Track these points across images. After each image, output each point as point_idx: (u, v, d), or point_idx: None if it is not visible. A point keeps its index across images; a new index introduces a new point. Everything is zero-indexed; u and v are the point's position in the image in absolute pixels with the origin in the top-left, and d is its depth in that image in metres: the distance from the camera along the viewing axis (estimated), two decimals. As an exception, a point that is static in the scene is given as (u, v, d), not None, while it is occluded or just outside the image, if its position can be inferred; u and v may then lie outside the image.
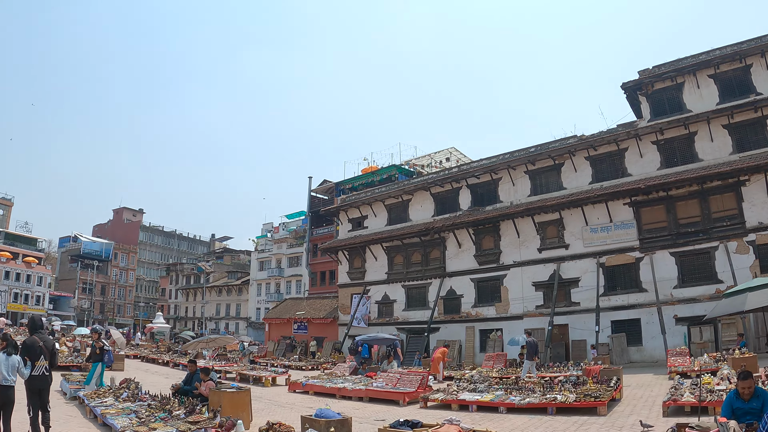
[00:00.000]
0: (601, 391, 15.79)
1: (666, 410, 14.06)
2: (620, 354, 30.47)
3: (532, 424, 13.97)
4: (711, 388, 14.59)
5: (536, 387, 17.62)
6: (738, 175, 29.94)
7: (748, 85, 31.35)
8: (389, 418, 14.43)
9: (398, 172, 52.51)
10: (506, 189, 37.99)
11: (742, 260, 29.38)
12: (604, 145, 34.14)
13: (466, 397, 17.32)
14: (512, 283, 36.22)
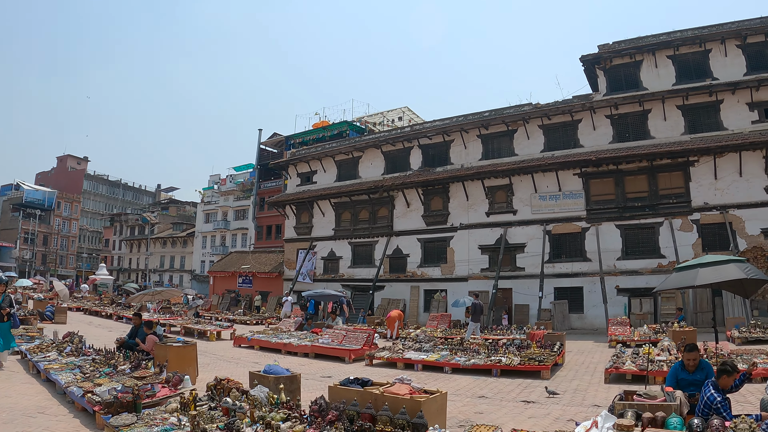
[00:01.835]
0: (544, 356, 15.64)
1: (608, 377, 14.02)
2: (562, 320, 30.07)
3: (477, 384, 13.81)
4: (652, 359, 14.47)
5: (481, 349, 17.36)
6: (688, 155, 29.85)
7: (706, 69, 31.06)
8: (335, 374, 14.66)
9: (350, 129, 50.48)
10: (458, 151, 36.65)
11: (685, 237, 29.46)
12: (558, 115, 33.35)
13: (412, 356, 16.94)
14: (459, 245, 35.22)
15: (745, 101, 30.14)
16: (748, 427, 6.17)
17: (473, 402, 11.72)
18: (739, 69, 30.52)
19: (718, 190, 29.62)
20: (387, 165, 39.58)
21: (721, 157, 29.59)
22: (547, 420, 9.93)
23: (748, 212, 28.98)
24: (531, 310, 31.42)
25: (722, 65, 30.84)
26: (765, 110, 29.96)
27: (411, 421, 7.13)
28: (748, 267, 9.86)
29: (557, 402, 11.61)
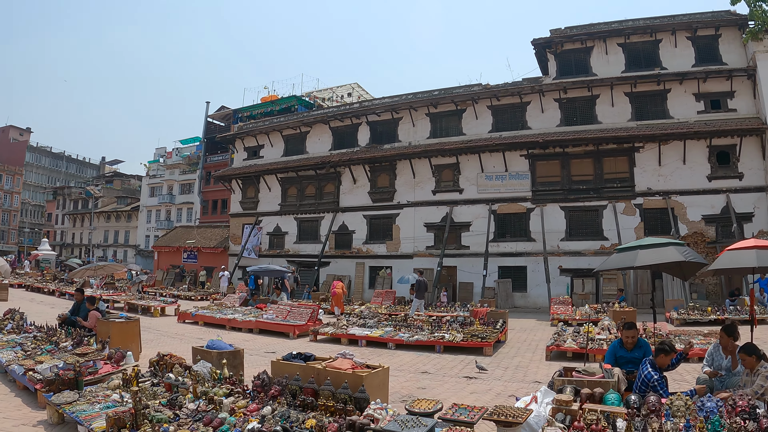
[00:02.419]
0: (487, 333, 15.75)
1: (549, 354, 14.28)
2: (505, 299, 30.16)
3: (420, 360, 13.88)
4: (592, 337, 14.63)
5: (424, 325, 17.42)
6: (634, 141, 30.33)
7: (655, 58, 31.45)
8: (280, 350, 14.52)
9: (298, 104, 49.22)
10: (406, 129, 36.20)
11: (628, 221, 29.92)
12: (507, 96, 33.21)
13: (356, 332, 16.96)
14: (404, 223, 34.91)
15: (692, 92, 30.68)
16: (683, 404, 6.32)
17: (416, 377, 11.73)
18: (688, 60, 30.97)
19: (661, 177, 30.05)
20: (335, 141, 38.85)
21: (666, 145, 29.99)
22: (489, 395, 9.99)
23: (690, 199, 29.56)
24: (475, 288, 31.40)
25: (671, 56, 31.26)
26: (711, 101, 30.57)
27: (353, 396, 7.02)
28: (687, 250, 9.85)
29: (499, 378, 11.68)
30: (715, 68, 30.41)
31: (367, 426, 6.03)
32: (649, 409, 6.31)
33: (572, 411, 6.38)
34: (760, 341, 13.98)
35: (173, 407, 6.99)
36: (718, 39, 31.03)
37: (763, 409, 6.20)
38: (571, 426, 5.99)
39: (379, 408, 6.54)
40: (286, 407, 6.84)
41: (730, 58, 30.75)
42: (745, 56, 30.43)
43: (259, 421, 6.25)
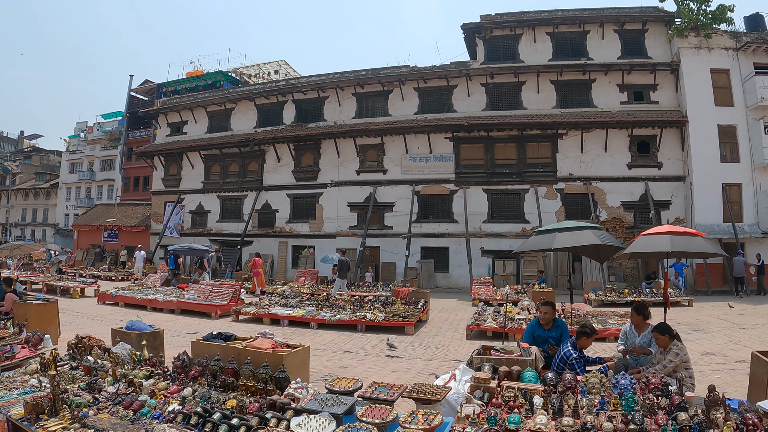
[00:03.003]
0: (409, 312, 15.99)
1: (469, 333, 14.68)
2: (428, 279, 30.35)
3: (342, 340, 14.03)
4: (512, 317, 15.13)
5: (347, 305, 17.60)
6: (557, 128, 30.97)
7: (582, 49, 32.13)
8: (202, 330, 14.21)
9: (224, 79, 47.75)
10: (332, 108, 35.69)
11: (549, 205, 30.48)
12: (435, 79, 33.18)
13: (278, 312, 16.97)
14: (328, 202, 34.53)
15: (617, 83, 31.47)
16: (598, 381, 6.43)
17: (338, 357, 11.92)
18: (614, 52, 31.72)
19: (583, 163, 30.64)
20: (260, 118, 37.97)
21: (588, 133, 30.59)
22: (410, 374, 10.27)
23: (610, 185, 30.31)
24: (398, 269, 31.40)
25: (598, 47, 31.92)
26: (634, 93, 31.47)
27: (273, 375, 6.90)
28: (603, 234, 9.89)
29: (421, 357, 11.99)
30: (640, 61, 31.23)
31: (287, 405, 5.93)
32: (565, 386, 6.38)
33: (490, 388, 6.48)
34: (674, 322, 15.20)
35: (93, 391, 6.80)
36: (645, 33, 31.89)
37: (675, 386, 6.42)
38: (489, 403, 6.01)
39: (300, 387, 6.54)
40: (207, 388, 6.69)
41: (655, 52, 31.65)
42: (670, 51, 31.37)
43: (179, 403, 6.12)
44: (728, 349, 13.18)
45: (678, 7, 30.96)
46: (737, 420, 5.53)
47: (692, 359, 9.00)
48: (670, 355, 7.47)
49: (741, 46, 30.62)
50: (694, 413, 5.64)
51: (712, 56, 30.71)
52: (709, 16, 30.71)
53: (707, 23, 30.60)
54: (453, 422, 5.57)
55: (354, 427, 5.18)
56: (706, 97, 30.22)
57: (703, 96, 30.19)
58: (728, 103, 30.35)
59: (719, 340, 14.35)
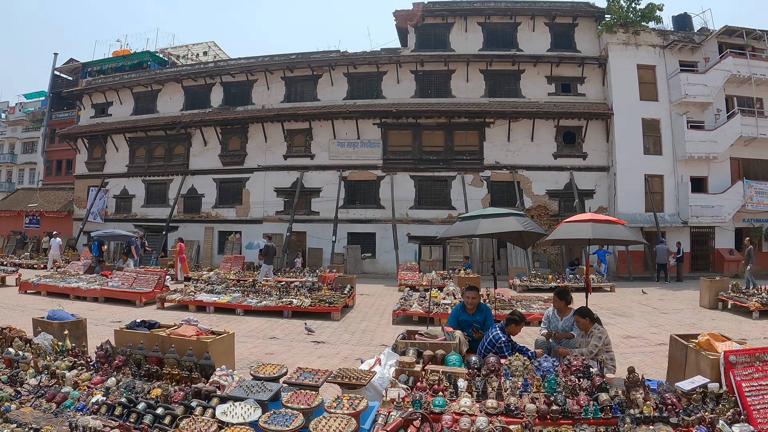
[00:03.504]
0: (335, 298, 15.91)
1: (395, 318, 14.61)
2: (354, 264, 30.35)
3: (268, 326, 13.85)
4: (437, 302, 15.32)
5: (273, 291, 17.44)
6: (485, 116, 31.28)
7: (513, 40, 32.59)
8: (126, 319, 13.20)
9: (152, 60, 46.08)
10: (260, 92, 35.10)
11: (475, 192, 30.76)
12: (365, 65, 33.13)
13: (204, 299, 16.57)
14: (255, 187, 33.95)
15: (545, 74, 32.02)
16: (522, 364, 6.62)
17: (264, 343, 11.75)
18: (544, 45, 32.27)
19: (510, 152, 31.00)
20: (187, 101, 37.01)
21: (516, 122, 30.99)
22: (336, 359, 10.23)
23: (535, 174, 30.75)
24: (324, 254, 31.23)
25: (529, 39, 32.43)
26: (562, 84, 32.03)
27: (198, 363, 6.75)
28: (527, 221, 9.85)
29: (347, 342, 11.99)
30: (569, 54, 31.86)
31: (212, 393, 5.83)
32: (489, 369, 6.50)
33: (415, 372, 6.51)
34: (597, 307, 15.41)
35: (14, 384, 6.52)
36: (575, 28, 32.50)
37: (596, 368, 6.63)
38: (414, 387, 6.08)
39: (225, 374, 6.43)
40: (131, 378, 6.48)
41: (584, 46, 32.30)
42: (599, 46, 32.08)
43: (103, 394, 5.94)
44: (648, 332, 13.58)
45: (608, 3, 31.66)
46: (656, 400, 5.82)
47: (614, 342, 9.39)
48: (594, 340, 7.65)
49: (668, 44, 31.46)
50: (614, 394, 5.88)
51: (639, 52, 31.51)
52: (638, 14, 31.43)
53: (636, 20, 31.32)
54: (378, 406, 5.62)
55: (279, 413, 5.15)
56: (631, 91, 31.05)
57: (629, 90, 31.01)
58: (653, 98, 31.23)
59: (640, 324, 14.78)
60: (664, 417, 5.51)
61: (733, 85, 31.69)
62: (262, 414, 5.17)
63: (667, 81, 31.38)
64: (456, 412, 5.41)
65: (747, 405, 5.81)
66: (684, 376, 7.07)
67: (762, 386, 6.03)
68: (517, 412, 5.47)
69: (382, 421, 5.23)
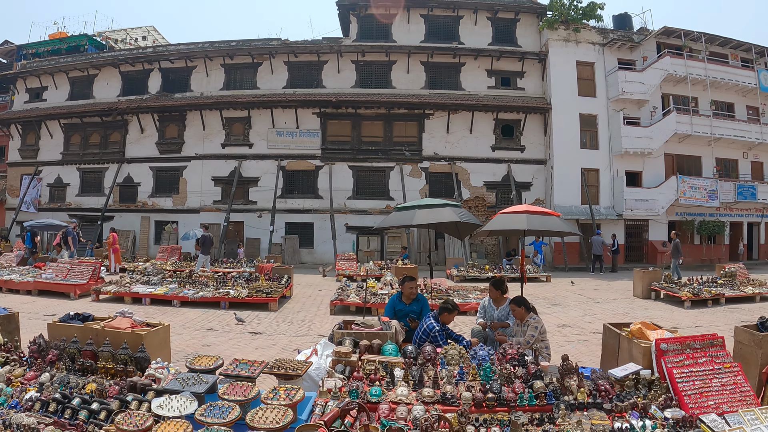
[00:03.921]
0: (272, 288, 15.85)
1: (333, 309, 14.67)
2: (292, 255, 30.19)
3: (205, 317, 13.69)
4: (375, 292, 15.61)
5: (210, 281, 17.22)
6: (424, 108, 31.49)
7: (455, 33, 32.82)
8: (60, 312, 12.62)
9: (89, 44, 43.84)
10: (199, 79, 34.40)
11: (414, 183, 30.92)
12: (305, 54, 32.83)
13: (140, 290, 16.27)
14: (192, 176, 33.29)
15: (486, 68, 32.28)
16: (457, 353, 6.77)
17: (201, 335, 11.60)
18: (486, 39, 32.56)
19: (448, 143, 31.24)
20: (124, 86, 36.01)
21: (455, 114, 31.24)
22: (274, 350, 10.19)
23: (474, 166, 31.04)
24: (262, 244, 30.95)
25: (470, 32, 32.67)
26: (502, 78, 32.38)
27: (133, 356, 6.70)
28: (462, 212, 9.92)
29: (284, 333, 11.95)
30: (510, 49, 32.22)
31: (148, 386, 5.74)
32: (425, 358, 6.59)
33: (352, 362, 6.55)
34: (533, 296, 16.18)
35: None
36: (517, 23, 32.89)
37: (531, 357, 6.80)
38: (350, 376, 6.14)
39: (161, 367, 6.39)
40: (66, 372, 6.30)
41: (525, 41, 32.72)
42: (539, 42, 32.54)
43: (37, 390, 5.78)
44: (583, 321, 13.87)
45: (550, 1, 32.11)
46: (590, 386, 6.07)
47: (549, 331, 9.70)
48: (530, 329, 7.80)
49: (607, 42, 32.06)
50: (549, 381, 6.06)
51: (579, 49, 32.05)
52: (579, 12, 31.94)
53: (577, 18, 31.83)
54: (315, 396, 5.65)
55: (216, 405, 5.08)
56: (570, 86, 31.60)
57: (568, 86, 31.55)
58: (591, 94, 31.82)
59: (575, 313, 15.10)
60: (597, 403, 5.72)
61: (669, 83, 32.53)
62: (199, 407, 5.11)
63: (605, 78, 32.00)
64: (393, 401, 5.52)
65: (678, 391, 6.05)
66: (617, 363, 7.27)
67: (692, 373, 6.30)
68: (453, 401, 5.58)
69: (319, 412, 5.29)
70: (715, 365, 6.47)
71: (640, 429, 5.18)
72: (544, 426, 5.20)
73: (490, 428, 5.12)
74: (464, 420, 5.01)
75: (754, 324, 8.02)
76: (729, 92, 34.54)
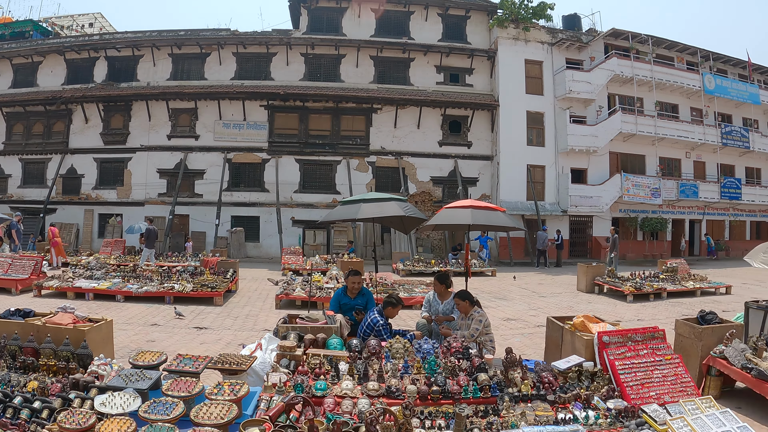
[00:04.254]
0: (217, 283, 15.72)
1: (279, 303, 14.57)
2: (238, 248, 29.85)
3: (150, 312, 13.39)
4: (320, 286, 15.63)
5: (154, 276, 16.86)
6: (372, 102, 31.54)
7: (405, 28, 32.97)
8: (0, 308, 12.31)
9: (34, 29, 41.99)
10: (146, 68, 33.61)
11: (360, 177, 31.00)
12: (255, 45, 32.49)
13: (83, 285, 15.79)
14: (137, 168, 32.59)
15: (435, 64, 32.52)
16: (402, 347, 6.83)
17: (146, 330, 11.37)
18: (436, 35, 32.76)
19: (396, 138, 31.38)
20: (69, 75, 35.01)
21: (403, 109, 31.36)
22: (219, 345, 10.08)
23: (420, 161, 31.24)
24: (208, 238, 30.56)
25: (421, 28, 32.82)
26: (451, 75, 32.64)
27: (75, 353, 6.53)
28: (408, 206, 9.93)
29: (230, 327, 11.83)
30: (460, 46, 32.50)
31: (91, 384, 5.62)
32: (369, 351, 6.65)
33: (296, 356, 6.60)
34: (479, 290, 17.13)
35: None
36: (467, 20, 33.19)
37: (475, 350, 6.99)
38: (295, 371, 6.18)
39: (103, 364, 6.28)
40: (6, 370, 6.19)
41: (475, 39, 33.00)
42: (489, 39, 32.85)
43: None
44: (528, 315, 14.07)
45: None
46: (534, 379, 6.23)
47: (494, 325, 10.02)
48: (474, 323, 7.85)
49: (556, 41, 32.52)
50: (493, 374, 6.19)
51: (528, 48, 32.46)
52: (529, 11, 32.35)
53: (527, 17, 32.23)
54: (260, 391, 5.65)
55: (160, 401, 5.01)
56: (518, 84, 32.02)
57: (516, 83, 31.95)
58: (539, 92, 32.32)
59: (520, 307, 15.27)
60: (541, 395, 5.89)
61: (616, 84, 33.17)
62: (142, 403, 5.05)
63: (553, 77, 32.51)
64: (338, 395, 5.53)
65: (620, 382, 6.24)
66: (561, 356, 7.42)
67: (634, 364, 6.51)
68: (398, 394, 5.63)
69: (264, 406, 5.26)
70: (657, 357, 6.73)
71: (583, 420, 5.31)
72: (488, 418, 5.28)
73: (435, 421, 5.18)
74: (409, 413, 5.03)
75: (695, 317, 8.54)
76: (674, 94, 35.39)
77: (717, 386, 7.44)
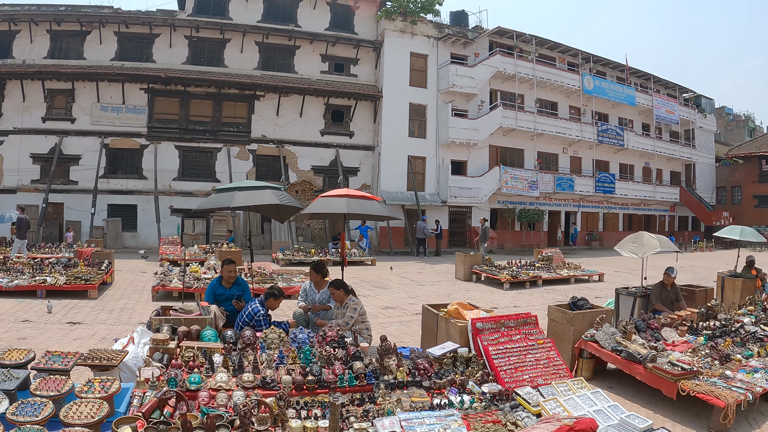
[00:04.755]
0: (92, 275, 15.06)
1: (155, 294, 14.30)
2: (115, 238, 28.97)
3: (21, 308, 12.61)
4: (198, 276, 15.42)
5: (26, 268, 16.06)
6: (255, 89, 31.24)
7: (292, 15, 32.83)
8: None
9: None
10: (23, 45, 31.29)
11: (241, 165, 30.75)
12: (137, 25, 30.97)
13: None
14: (9, 152, 30.41)
15: (320, 52, 32.54)
16: (277, 337, 6.90)
17: (16, 327, 10.79)
18: (323, 23, 32.80)
19: (278, 126, 31.30)
20: None
21: (286, 97, 31.30)
22: (93, 340, 9.73)
23: (302, 149, 31.32)
24: (83, 227, 29.11)
25: (309, 16, 32.78)
26: (336, 64, 32.78)
27: None
28: (283, 194, 9.85)
29: (104, 321, 11.43)
30: (346, 35, 32.65)
31: None
32: (244, 342, 6.68)
33: (170, 349, 6.43)
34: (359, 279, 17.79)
35: None
36: (355, 11, 33.17)
37: (351, 338, 7.03)
38: (169, 364, 6.08)
39: None
40: None
41: (362, 29, 33.25)
42: (376, 31, 33.14)
43: None
44: (406, 303, 14.33)
45: (390, -8, 32.82)
46: (410, 366, 6.36)
47: (373, 313, 10.36)
48: (349, 311, 7.99)
49: (442, 36, 33.23)
50: (369, 362, 6.28)
51: (414, 41, 32.99)
52: (418, 5, 32.75)
53: (415, 11, 32.66)
54: (133, 387, 5.51)
55: (28, 402, 4.73)
56: (402, 76, 32.55)
57: (400, 75, 32.48)
58: (422, 84, 32.94)
59: (398, 296, 15.55)
60: (417, 381, 6.02)
61: (498, 80, 34.24)
62: (10, 405, 4.75)
63: (437, 70, 33.20)
64: (212, 388, 5.48)
65: (494, 366, 6.48)
66: (436, 342, 7.57)
67: (507, 349, 6.80)
68: (273, 385, 5.65)
69: (137, 403, 5.14)
70: (529, 342, 7.06)
71: (459, 404, 5.48)
72: (364, 406, 5.38)
73: (311, 411, 5.21)
74: (284, 404, 5.07)
75: (567, 303, 8.89)
76: (554, 92, 36.91)
77: (589, 368, 7.84)
